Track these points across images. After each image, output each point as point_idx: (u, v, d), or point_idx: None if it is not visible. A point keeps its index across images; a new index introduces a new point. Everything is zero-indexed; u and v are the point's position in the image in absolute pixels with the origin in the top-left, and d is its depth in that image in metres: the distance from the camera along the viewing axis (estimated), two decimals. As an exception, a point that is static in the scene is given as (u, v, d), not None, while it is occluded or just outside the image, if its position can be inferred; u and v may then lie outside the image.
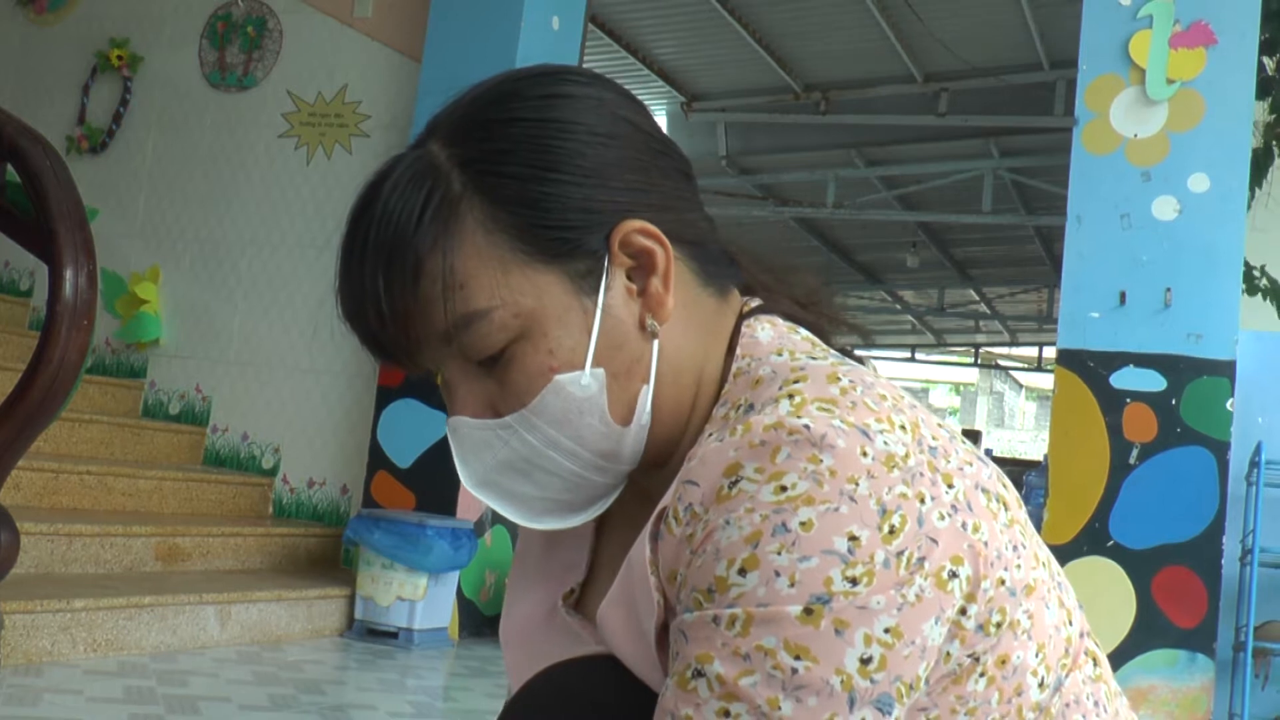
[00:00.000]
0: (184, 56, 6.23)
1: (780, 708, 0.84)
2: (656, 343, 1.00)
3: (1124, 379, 4.82)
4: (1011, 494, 0.98)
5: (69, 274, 3.37)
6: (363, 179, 1.01)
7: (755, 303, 1.08)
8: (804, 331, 1.05)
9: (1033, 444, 29.01)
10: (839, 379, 0.92)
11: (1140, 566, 4.72)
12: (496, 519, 5.46)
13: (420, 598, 4.80)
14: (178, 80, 6.23)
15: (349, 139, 5.81)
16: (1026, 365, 24.78)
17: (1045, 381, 27.82)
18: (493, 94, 1.01)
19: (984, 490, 0.94)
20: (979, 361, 24.54)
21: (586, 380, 0.97)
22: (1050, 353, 21.49)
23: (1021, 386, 32.69)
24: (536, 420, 0.98)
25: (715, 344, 1.03)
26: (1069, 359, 4.89)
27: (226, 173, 6.05)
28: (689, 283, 1.03)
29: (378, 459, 5.38)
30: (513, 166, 0.97)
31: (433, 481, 5.24)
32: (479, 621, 5.35)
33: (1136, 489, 4.77)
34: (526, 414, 0.98)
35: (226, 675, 3.84)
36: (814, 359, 0.97)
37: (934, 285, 16.25)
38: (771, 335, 1.02)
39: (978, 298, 16.91)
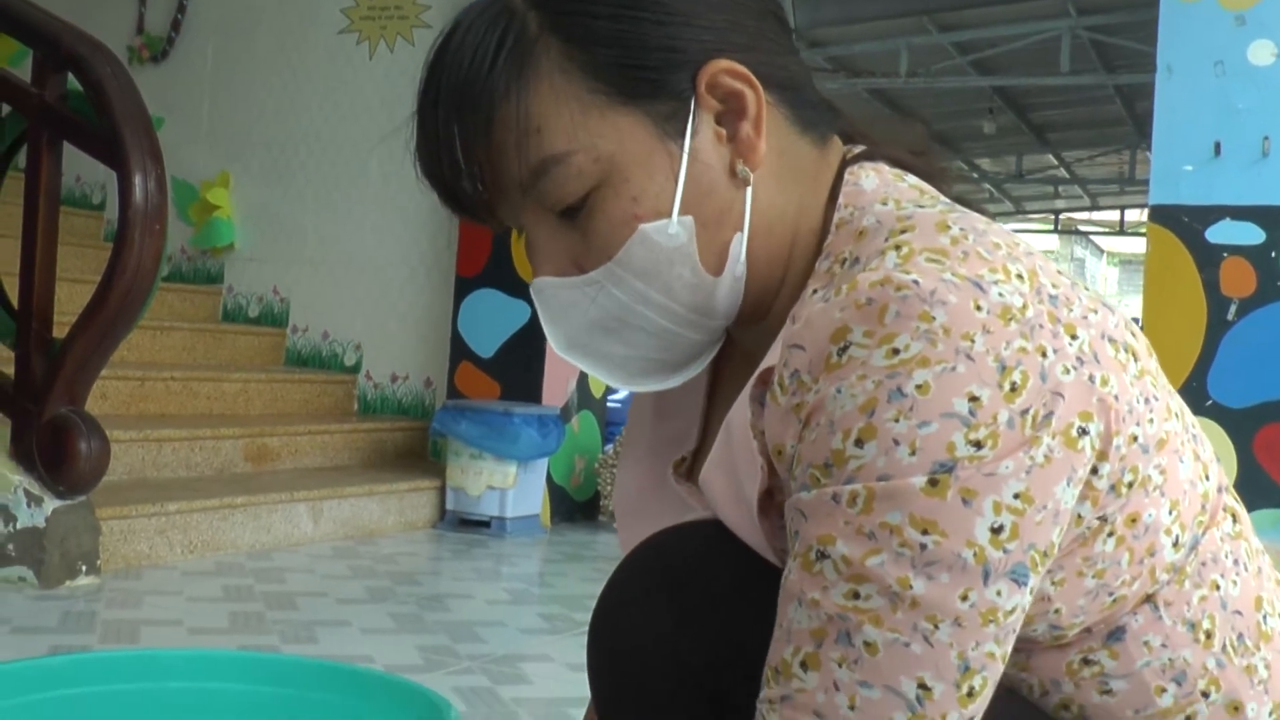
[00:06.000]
0: (239, -45, 6.15)
1: (911, 586, 0.80)
2: (749, 190, 0.93)
3: (1220, 233, 4.65)
4: (1142, 342, 0.92)
5: (138, 179, 3.35)
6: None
7: (859, 149, 1.00)
8: (911, 178, 0.97)
9: (1117, 310, 28.62)
10: (949, 227, 0.86)
11: (1241, 425, 4.59)
12: (583, 404, 5.44)
13: (510, 486, 4.81)
14: (234, -20, 6.16)
15: (410, 30, 5.71)
16: (1108, 230, 24.36)
17: (1127, 246, 27.36)
18: None
19: (1111, 340, 0.87)
20: (1059, 228, 24.14)
21: (674, 229, 0.91)
22: (1133, 215, 21.11)
23: (1103, 251, 32.14)
24: (623, 273, 0.92)
25: (814, 193, 0.97)
26: (1162, 215, 4.72)
27: (288, 73, 5.99)
28: (783, 128, 0.96)
29: (460, 350, 5.37)
30: (591, 4, 0.91)
31: (516, 370, 5.23)
32: (570, 507, 5.36)
33: (1235, 346, 4.63)
34: (613, 267, 0.92)
35: (322, 570, 3.87)
36: (921, 207, 0.91)
37: (1011, 152, 15.96)
38: (876, 183, 0.95)
39: (1056, 162, 16.56)
